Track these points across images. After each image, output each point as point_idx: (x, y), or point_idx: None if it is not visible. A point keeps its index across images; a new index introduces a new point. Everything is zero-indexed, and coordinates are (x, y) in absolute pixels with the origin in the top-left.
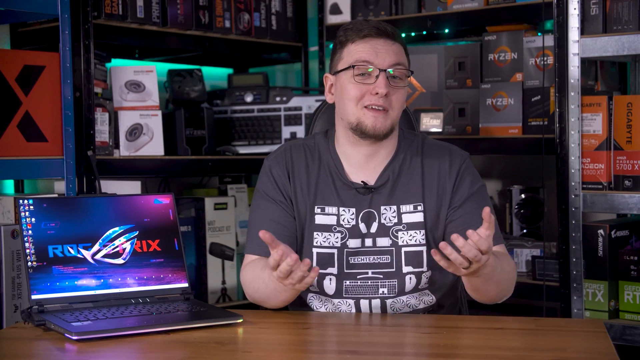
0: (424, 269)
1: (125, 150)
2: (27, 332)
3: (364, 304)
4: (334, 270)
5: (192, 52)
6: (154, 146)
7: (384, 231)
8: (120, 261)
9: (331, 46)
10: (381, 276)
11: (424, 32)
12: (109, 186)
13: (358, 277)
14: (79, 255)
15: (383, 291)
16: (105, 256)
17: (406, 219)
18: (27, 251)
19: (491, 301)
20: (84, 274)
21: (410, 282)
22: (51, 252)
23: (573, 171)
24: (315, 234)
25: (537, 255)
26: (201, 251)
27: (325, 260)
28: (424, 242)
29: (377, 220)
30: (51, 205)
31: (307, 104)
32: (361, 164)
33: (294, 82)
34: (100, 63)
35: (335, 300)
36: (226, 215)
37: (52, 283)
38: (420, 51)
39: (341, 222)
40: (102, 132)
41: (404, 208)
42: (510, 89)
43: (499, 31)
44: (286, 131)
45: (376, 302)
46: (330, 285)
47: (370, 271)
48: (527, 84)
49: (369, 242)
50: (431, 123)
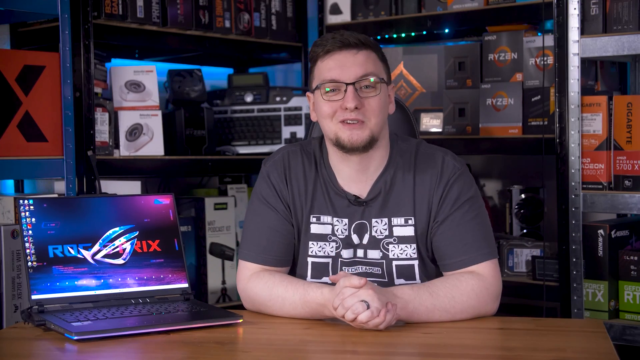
0: (417, 281)
1: (125, 150)
2: (27, 332)
3: None
4: (329, 280)
5: (192, 52)
6: (154, 146)
7: (374, 244)
8: (120, 261)
9: None
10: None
11: (424, 32)
12: (109, 186)
13: None
14: (79, 256)
15: None
16: (105, 256)
17: (397, 232)
18: (27, 251)
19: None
20: (84, 274)
21: None
22: (51, 252)
23: (573, 171)
24: (310, 243)
25: (537, 255)
26: (201, 251)
27: (320, 270)
28: (415, 256)
29: (368, 232)
30: (51, 205)
31: (307, 104)
32: (352, 177)
33: (294, 82)
34: (100, 63)
35: None
36: (226, 215)
37: (52, 283)
38: (420, 51)
39: (335, 231)
40: (102, 132)
41: (395, 221)
42: (510, 89)
43: (499, 31)
44: (286, 131)
45: None
46: None
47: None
48: (527, 84)
49: (360, 253)
50: (431, 123)
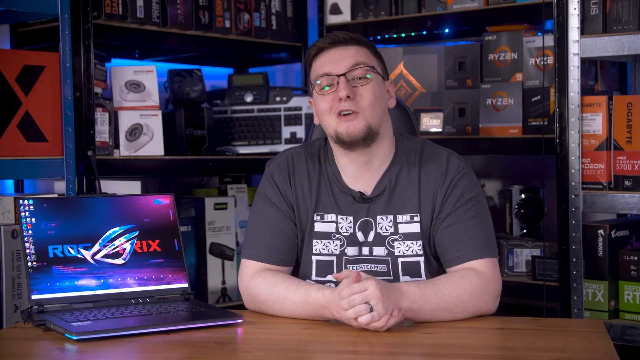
0: (423, 278)
1: (125, 150)
2: (27, 332)
3: None
4: (333, 279)
5: (192, 52)
6: (154, 146)
7: (380, 241)
8: (120, 261)
9: None
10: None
11: (424, 32)
12: (109, 186)
13: None
14: (79, 256)
15: None
16: (105, 256)
17: (403, 229)
18: (27, 251)
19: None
20: (84, 274)
21: None
22: (51, 252)
23: (573, 171)
24: (314, 241)
25: (537, 255)
26: (201, 251)
27: (324, 268)
28: (421, 252)
29: (373, 230)
30: (51, 205)
31: (307, 104)
32: (356, 174)
33: (294, 82)
34: (100, 63)
35: None
36: (226, 215)
37: (52, 283)
38: (420, 51)
39: (340, 229)
40: (102, 132)
41: (400, 218)
42: (510, 89)
43: (499, 31)
44: (286, 131)
45: None
46: None
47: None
48: (527, 84)
49: (365, 250)
50: (431, 123)
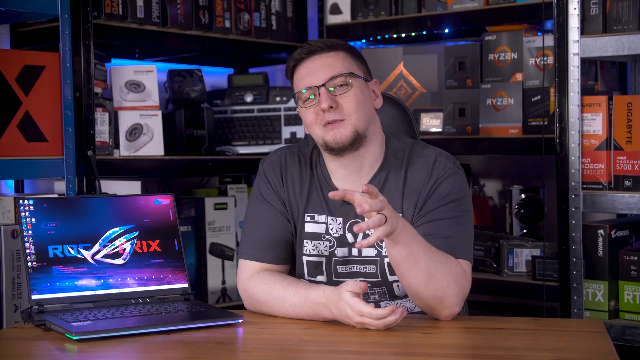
0: None
1: (125, 150)
2: (27, 332)
3: None
4: (324, 279)
5: (192, 52)
6: (154, 146)
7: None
8: (120, 261)
9: None
10: (369, 285)
11: (424, 32)
12: (109, 186)
13: None
14: (79, 256)
15: (374, 297)
16: (105, 256)
17: None
18: (27, 251)
19: (422, 298)
20: (84, 274)
21: (399, 289)
22: (51, 252)
23: (573, 171)
24: (305, 242)
25: (537, 255)
26: (201, 251)
27: (314, 268)
28: None
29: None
30: (51, 205)
31: None
32: (346, 177)
33: None
34: (100, 63)
35: None
36: (226, 215)
37: (52, 283)
38: (420, 51)
39: (329, 230)
40: (102, 132)
41: None
42: (510, 89)
43: (499, 31)
44: (286, 131)
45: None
46: None
47: (358, 279)
48: (527, 84)
49: (355, 251)
50: (431, 123)
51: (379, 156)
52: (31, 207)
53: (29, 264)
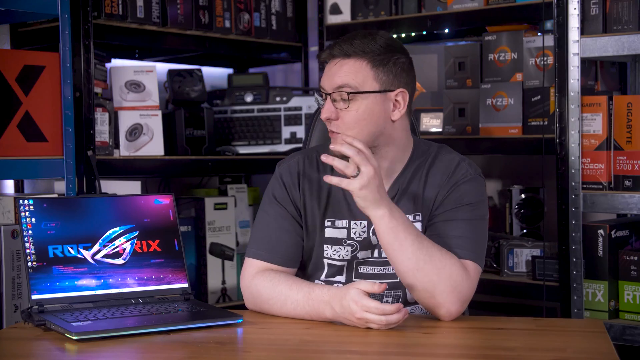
0: None
1: (125, 150)
2: (27, 332)
3: None
4: (342, 279)
5: (192, 52)
6: (154, 146)
7: None
8: (120, 261)
9: None
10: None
11: (424, 32)
12: (109, 186)
13: None
14: (79, 256)
15: (387, 300)
16: (105, 256)
17: None
18: (27, 251)
19: (414, 291)
20: (84, 274)
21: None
22: (51, 252)
23: (573, 171)
24: (325, 246)
25: (537, 255)
26: (201, 251)
27: (334, 271)
28: None
29: None
30: (51, 205)
31: (307, 104)
32: None
33: (294, 82)
34: (100, 63)
35: None
36: (226, 215)
37: (52, 283)
38: (420, 51)
39: (352, 235)
40: (102, 132)
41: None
42: (510, 89)
43: (499, 31)
44: (286, 131)
45: None
46: None
47: (377, 281)
48: (527, 84)
49: (376, 252)
50: (431, 123)
51: (400, 159)
52: (31, 207)
53: (29, 264)
